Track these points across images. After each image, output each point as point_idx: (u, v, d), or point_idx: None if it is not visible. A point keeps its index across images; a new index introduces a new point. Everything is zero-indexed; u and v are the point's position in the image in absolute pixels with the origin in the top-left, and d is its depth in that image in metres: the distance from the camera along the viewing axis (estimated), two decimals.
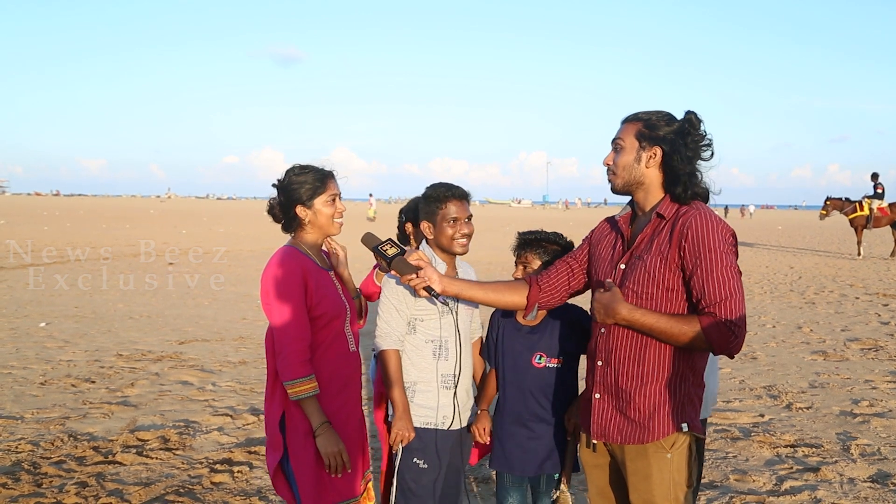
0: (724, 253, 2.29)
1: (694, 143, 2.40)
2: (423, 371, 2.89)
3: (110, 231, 28.61)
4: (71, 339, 8.53)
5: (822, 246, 26.13)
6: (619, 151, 2.46)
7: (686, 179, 2.39)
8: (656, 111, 2.46)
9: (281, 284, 2.70)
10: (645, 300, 2.36)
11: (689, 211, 2.36)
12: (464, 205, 2.90)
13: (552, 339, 2.94)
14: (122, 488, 4.26)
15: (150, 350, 8.04)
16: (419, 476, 2.85)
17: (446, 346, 2.90)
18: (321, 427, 2.69)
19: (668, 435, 2.36)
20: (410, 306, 2.88)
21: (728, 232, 2.34)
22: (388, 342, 2.86)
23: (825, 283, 14.74)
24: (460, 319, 2.94)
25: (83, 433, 5.22)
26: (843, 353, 8.18)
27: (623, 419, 2.41)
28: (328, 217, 2.82)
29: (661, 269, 2.34)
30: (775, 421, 5.68)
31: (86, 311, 10.56)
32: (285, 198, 2.83)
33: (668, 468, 2.36)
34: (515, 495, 3.03)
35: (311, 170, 2.83)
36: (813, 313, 10.96)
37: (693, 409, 2.41)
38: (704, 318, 2.27)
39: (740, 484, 4.44)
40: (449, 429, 2.90)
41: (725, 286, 2.26)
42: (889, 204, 20.64)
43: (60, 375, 6.84)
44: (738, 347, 2.28)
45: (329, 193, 2.81)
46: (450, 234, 2.87)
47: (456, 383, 2.91)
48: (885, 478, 4.50)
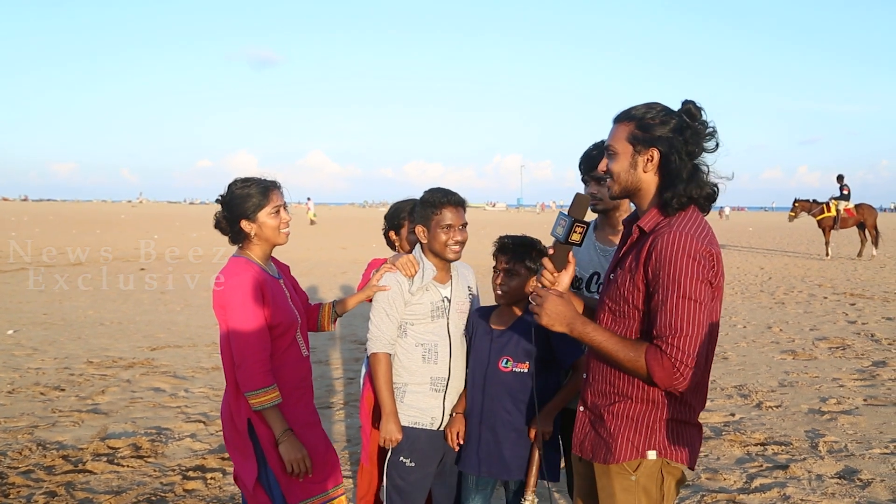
0: (686, 280, 2.05)
1: (694, 137, 2.17)
2: (414, 374, 2.94)
3: (80, 236, 28.20)
4: (39, 347, 8.40)
5: (792, 247, 26.54)
6: (613, 157, 2.25)
7: (683, 182, 2.16)
8: (649, 106, 2.21)
9: (239, 295, 2.71)
10: (618, 317, 2.22)
11: (665, 226, 2.14)
12: (459, 212, 2.95)
13: (520, 343, 2.91)
14: (93, 497, 4.21)
15: (122, 357, 7.94)
16: (407, 474, 2.91)
17: (436, 349, 2.94)
18: (284, 434, 2.72)
19: (630, 459, 2.20)
20: (401, 310, 2.92)
21: (702, 257, 2.08)
22: (377, 345, 2.91)
23: (794, 283, 14.98)
24: (452, 323, 2.97)
25: (52, 442, 5.14)
26: (811, 352, 8.32)
27: (595, 435, 2.30)
28: (273, 229, 2.84)
29: (630, 287, 2.17)
30: (746, 420, 5.76)
31: (55, 317, 10.40)
32: (229, 213, 2.83)
33: (632, 490, 2.21)
34: (478, 498, 3.02)
35: (254, 182, 2.84)
36: (783, 313, 11.13)
37: (669, 436, 2.20)
38: (651, 349, 2.08)
39: (711, 482, 4.49)
40: (438, 429, 2.96)
41: (678, 319, 2.04)
42: (855, 205, 21.04)
43: (29, 383, 6.73)
44: (682, 386, 2.07)
45: (272, 205, 2.82)
46: (443, 241, 2.91)
47: (446, 386, 2.95)
48: (851, 474, 4.58)
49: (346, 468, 4.70)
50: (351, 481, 4.38)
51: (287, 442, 2.72)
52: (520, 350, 2.91)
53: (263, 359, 2.71)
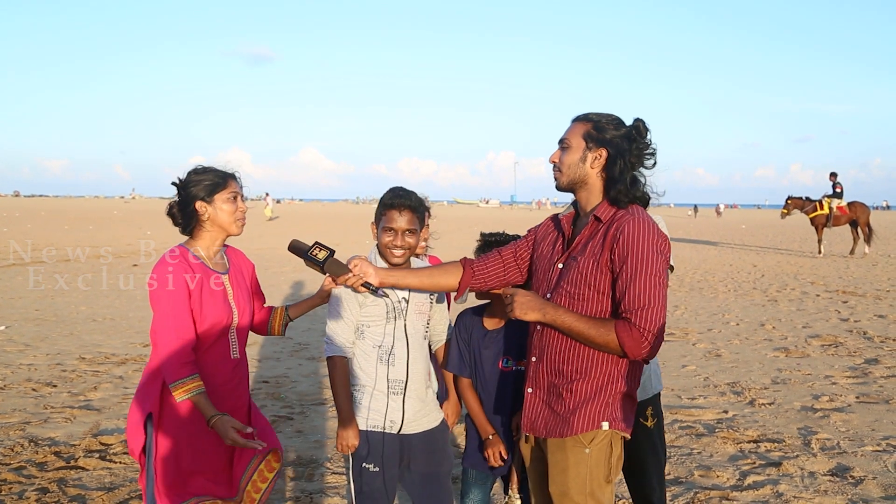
0: (652, 261, 2.32)
1: (638, 151, 2.45)
2: (371, 376, 2.85)
3: (72, 232, 28.09)
4: (31, 343, 8.36)
5: (784, 244, 26.63)
6: (566, 150, 2.51)
7: (626, 184, 2.43)
8: (606, 114, 2.50)
9: (162, 285, 2.69)
10: (578, 300, 2.40)
11: (624, 215, 2.39)
12: (405, 216, 2.80)
13: (517, 341, 2.93)
14: (85, 494, 4.19)
15: (114, 353, 7.91)
16: (372, 479, 2.82)
17: (393, 351, 2.85)
18: (214, 419, 2.66)
19: (586, 431, 2.40)
20: (356, 313, 2.84)
21: (661, 240, 2.37)
22: (333, 349, 2.83)
23: (787, 280, 15.03)
24: (409, 325, 2.89)
25: (44, 438, 5.12)
26: (804, 349, 8.35)
27: (550, 413, 2.47)
28: (229, 214, 2.81)
29: (593, 271, 2.38)
30: (739, 417, 5.78)
31: (47, 313, 10.36)
32: (185, 195, 2.81)
33: (585, 462, 2.40)
34: (478, 493, 3.05)
35: (212, 169, 2.85)
36: (775, 311, 11.17)
37: (619, 409, 2.44)
38: (620, 322, 2.31)
39: (704, 479, 4.50)
40: (398, 433, 2.85)
41: (646, 294, 2.29)
42: (848, 203, 21.12)
43: (20, 379, 6.70)
44: (651, 354, 2.33)
45: (230, 191, 2.82)
46: (385, 242, 2.83)
47: (405, 389, 2.86)
48: (844, 471, 4.60)
49: (339, 464, 4.69)
50: (344, 478, 4.37)
51: (219, 424, 2.65)
52: (517, 348, 2.93)
53: (183, 350, 2.67)
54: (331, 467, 4.67)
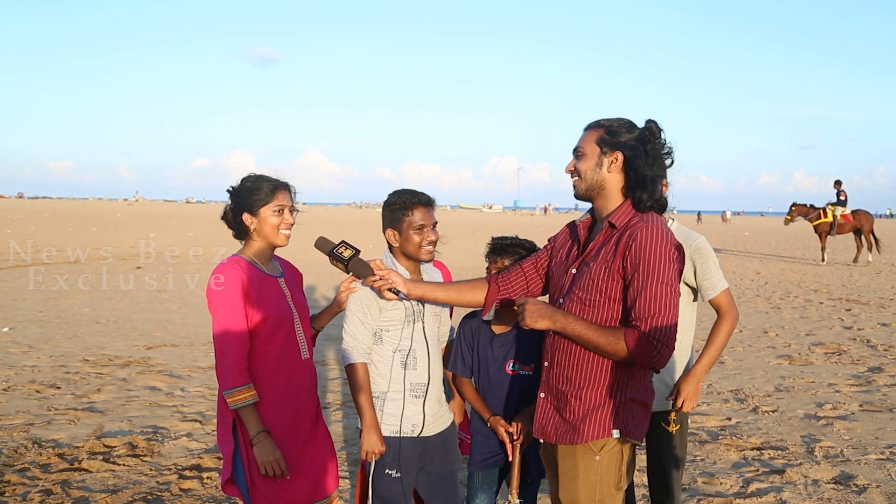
0: (664, 269, 2.31)
1: (654, 151, 2.44)
2: (392, 381, 2.86)
3: (76, 234, 28.14)
4: (35, 345, 8.38)
5: (788, 252, 26.59)
6: (581, 158, 2.50)
7: (646, 185, 2.42)
8: (617, 118, 2.50)
9: (220, 294, 2.72)
10: (589, 306, 2.40)
11: (638, 223, 2.39)
12: (429, 211, 2.87)
13: (524, 345, 2.96)
14: (89, 496, 4.19)
15: (118, 355, 7.92)
16: (393, 485, 2.83)
17: (414, 355, 2.87)
18: (258, 436, 2.71)
19: (597, 439, 2.40)
20: (375, 318, 2.84)
21: (674, 247, 2.36)
22: (354, 355, 2.83)
23: (790, 288, 15.01)
24: (427, 327, 2.91)
25: (48, 440, 5.13)
26: (807, 357, 8.34)
27: (560, 419, 2.47)
28: (273, 227, 2.83)
29: (605, 277, 2.37)
30: (742, 424, 5.77)
31: (51, 315, 10.38)
32: (235, 205, 2.86)
33: (595, 470, 2.40)
34: (484, 497, 3.07)
35: (265, 179, 2.86)
36: (779, 318, 11.15)
37: (630, 416, 2.43)
38: (630, 331, 2.30)
39: (708, 486, 4.50)
40: (419, 436, 2.87)
41: (657, 302, 2.28)
42: (852, 211, 21.07)
43: (24, 381, 6.71)
44: (660, 363, 2.30)
45: (276, 204, 2.82)
46: (417, 242, 2.84)
47: (426, 392, 2.88)
48: (847, 479, 4.59)
49: (344, 468, 4.69)
50: (348, 482, 4.38)
51: (261, 444, 2.70)
52: (525, 352, 2.96)
53: (240, 358, 2.70)
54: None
